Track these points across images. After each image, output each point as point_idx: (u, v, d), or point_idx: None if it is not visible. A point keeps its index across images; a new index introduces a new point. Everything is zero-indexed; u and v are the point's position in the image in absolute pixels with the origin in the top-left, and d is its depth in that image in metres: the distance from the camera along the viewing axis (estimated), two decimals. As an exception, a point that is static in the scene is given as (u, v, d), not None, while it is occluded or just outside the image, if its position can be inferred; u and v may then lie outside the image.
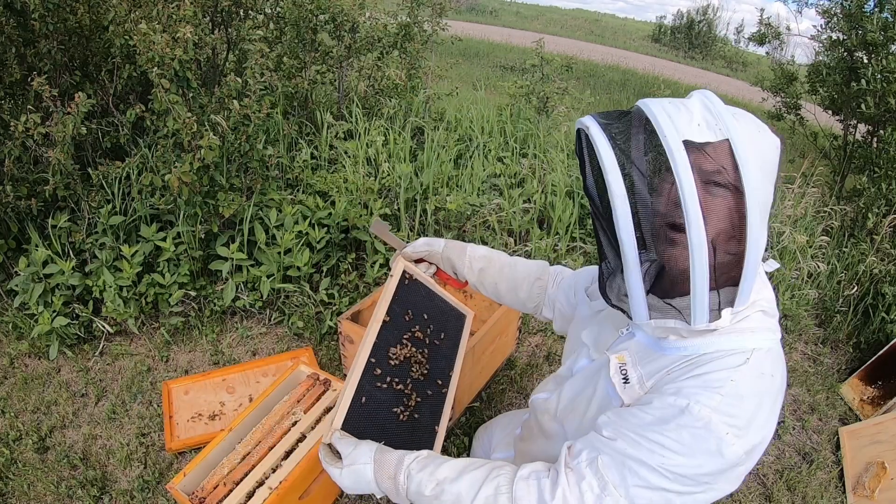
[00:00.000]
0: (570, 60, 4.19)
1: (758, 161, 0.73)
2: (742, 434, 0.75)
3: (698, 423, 0.75)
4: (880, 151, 3.38)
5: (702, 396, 0.76)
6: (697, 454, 0.75)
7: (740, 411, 0.75)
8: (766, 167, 0.75)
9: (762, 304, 0.83)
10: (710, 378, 0.77)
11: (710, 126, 0.73)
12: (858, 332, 2.72)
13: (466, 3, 17.19)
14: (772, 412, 0.79)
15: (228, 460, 1.51)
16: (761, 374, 0.78)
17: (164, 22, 2.21)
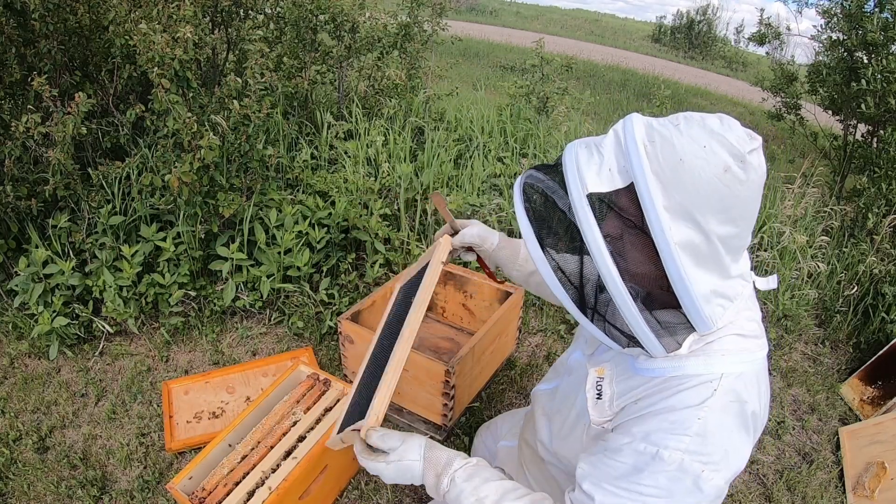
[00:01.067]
0: (570, 60, 4.19)
1: (679, 197, 0.69)
2: (719, 467, 0.76)
3: (671, 467, 0.75)
4: (880, 151, 3.38)
5: (670, 441, 0.76)
6: (676, 495, 0.75)
7: (712, 448, 0.75)
8: (697, 199, 0.69)
9: (739, 327, 0.81)
10: (677, 417, 0.77)
11: (621, 169, 0.72)
12: (858, 332, 2.72)
13: (466, 3, 17.18)
14: (745, 437, 0.79)
15: (228, 460, 1.51)
16: (730, 403, 0.77)
17: (164, 22, 2.21)
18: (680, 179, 0.69)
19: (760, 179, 0.72)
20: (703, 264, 0.71)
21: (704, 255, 0.71)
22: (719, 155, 0.69)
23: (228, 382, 2.13)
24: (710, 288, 0.73)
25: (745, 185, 0.69)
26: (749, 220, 0.74)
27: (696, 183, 0.68)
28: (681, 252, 0.69)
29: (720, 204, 0.69)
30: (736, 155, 0.69)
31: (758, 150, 0.71)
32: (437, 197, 1.33)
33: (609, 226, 0.73)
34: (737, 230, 0.72)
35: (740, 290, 0.80)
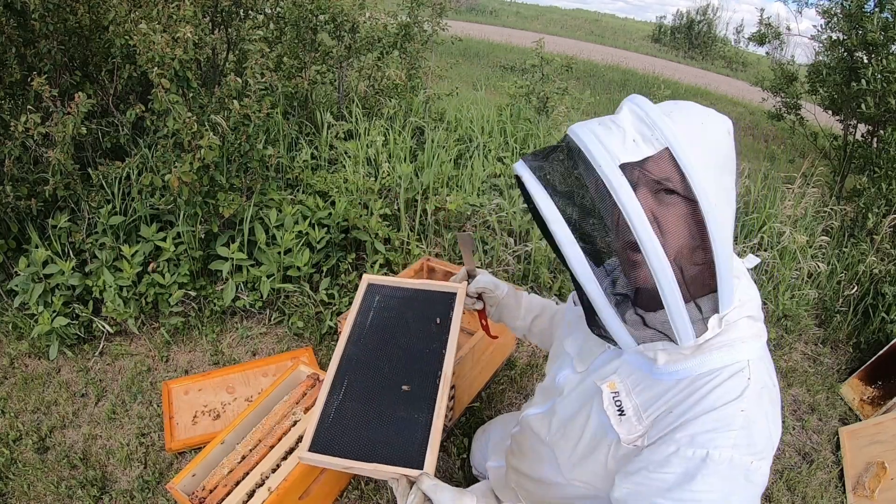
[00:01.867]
0: (570, 60, 4.19)
1: (707, 158, 0.69)
2: (765, 455, 0.74)
3: (722, 466, 0.73)
4: (880, 151, 3.38)
5: (718, 439, 0.74)
6: (731, 494, 0.74)
7: (757, 437, 0.74)
8: (719, 159, 0.71)
9: (749, 308, 0.80)
10: (720, 415, 0.75)
11: (647, 138, 0.70)
12: (858, 332, 2.72)
13: (466, 3, 17.19)
14: (777, 416, 0.78)
15: (228, 460, 1.51)
16: (762, 389, 0.76)
17: (164, 22, 2.21)
18: (707, 140, 0.71)
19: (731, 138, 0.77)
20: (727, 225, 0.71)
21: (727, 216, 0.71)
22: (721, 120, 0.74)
23: (228, 382, 2.13)
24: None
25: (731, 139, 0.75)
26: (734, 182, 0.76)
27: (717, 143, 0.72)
28: (719, 211, 0.68)
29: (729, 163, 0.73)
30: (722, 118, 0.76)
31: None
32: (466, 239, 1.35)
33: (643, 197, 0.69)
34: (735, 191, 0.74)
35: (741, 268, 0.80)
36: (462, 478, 1.85)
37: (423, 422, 1.09)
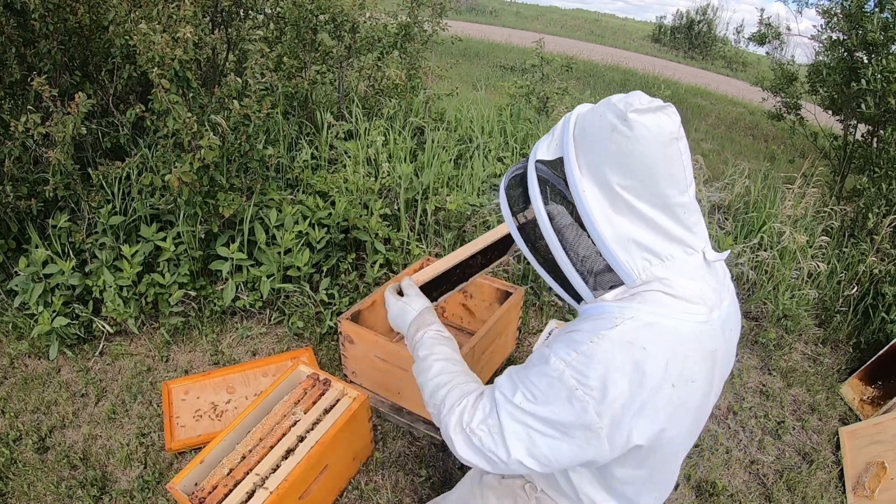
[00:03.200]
0: (570, 60, 4.20)
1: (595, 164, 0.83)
2: (594, 395, 0.82)
3: (554, 373, 0.85)
4: (880, 151, 3.37)
5: (561, 351, 0.86)
6: (551, 401, 0.85)
7: (592, 372, 0.82)
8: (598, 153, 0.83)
9: (669, 287, 0.85)
10: (576, 336, 0.86)
11: (557, 145, 0.89)
12: (858, 332, 2.72)
13: (466, 3, 17.18)
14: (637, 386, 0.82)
15: (228, 460, 1.51)
16: (628, 343, 0.82)
17: (164, 22, 2.21)
18: (584, 142, 0.85)
19: (653, 136, 0.79)
20: (618, 211, 0.83)
21: (618, 205, 0.83)
22: (607, 118, 0.81)
23: (228, 382, 2.13)
24: (628, 235, 0.83)
25: (632, 140, 0.79)
26: (652, 173, 0.81)
27: (593, 143, 0.83)
28: (590, 197, 0.83)
29: (615, 159, 0.81)
30: (620, 116, 0.79)
31: (652, 112, 0.80)
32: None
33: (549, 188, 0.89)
34: (640, 183, 0.81)
35: (678, 253, 0.86)
36: (462, 477, 1.85)
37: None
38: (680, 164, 0.83)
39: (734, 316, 0.97)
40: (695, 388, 0.87)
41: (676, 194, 0.83)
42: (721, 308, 0.90)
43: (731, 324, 0.95)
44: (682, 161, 0.83)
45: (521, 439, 0.88)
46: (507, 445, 0.89)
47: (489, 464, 0.93)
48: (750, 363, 2.56)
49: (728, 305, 0.93)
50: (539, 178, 0.89)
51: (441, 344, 1.10)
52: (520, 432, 0.88)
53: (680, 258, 0.86)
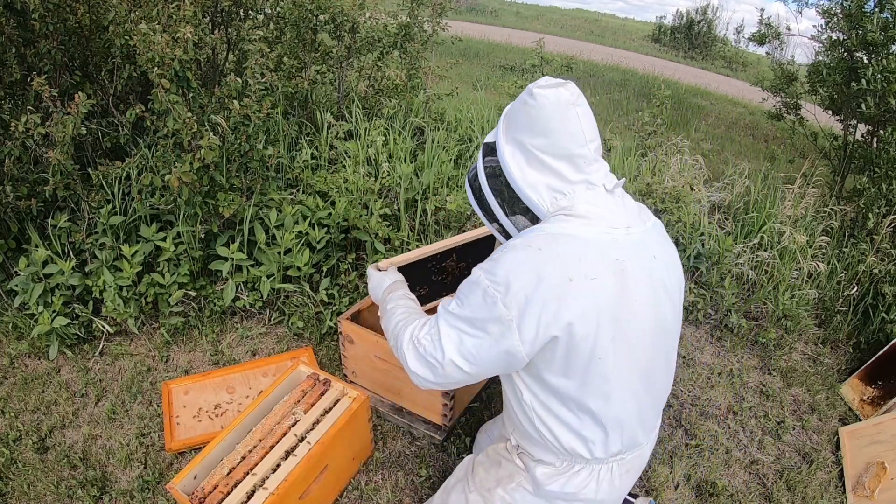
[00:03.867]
0: (570, 60, 4.20)
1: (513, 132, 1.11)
2: (504, 291, 1.01)
3: (474, 280, 1.07)
4: (880, 151, 3.37)
5: (483, 265, 1.09)
6: (472, 303, 1.05)
7: (498, 271, 1.03)
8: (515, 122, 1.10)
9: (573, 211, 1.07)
10: (493, 255, 1.10)
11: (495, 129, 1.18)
12: (858, 332, 2.72)
13: (466, 3, 17.18)
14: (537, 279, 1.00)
15: (228, 460, 1.51)
16: (527, 246, 1.04)
17: (164, 22, 2.21)
18: (507, 120, 1.15)
19: (551, 103, 1.04)
20: (532, 166, 1.09)
21: (532, 161, 1.09)
22: (521, 97, 1.10)
23: (228, 382, 2.13)
24: (538, 182, 1.09)
25: (536, 108, 1.05)
26: (557, 132, 1.06)
27: (513, 117, 1.12)
28: (508, 156, 1.12)
29: (526, 124, 1.08)
30: (528, 92, 1.07)
31: (551, 87, 1.06)
32: None
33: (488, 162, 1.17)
34: (547, 140, 1.06)
35: (579, 190, 1.08)
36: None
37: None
38: (578, 124, 1.06)
39: (657, 243, 1.14)
40: (596, 285, 1.01)
41: (576, 147, 1.06)
42: (631, 231, 1.09)
43: (652, 248, 1.12)
44: (580, 122, 1.06)
45: (452, 340, 1.07)
46: (442, 347, 1.08)
47: (431, 370, 1.11)
48: (750, 363, 2.56)
49: (642, 233, 1.11)
50: (484, 156, 1.19)
51: (406, 299, 1.34)
52: (451, 334, 1.08)
53: (581, 192, 1.08)
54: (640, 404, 1.12)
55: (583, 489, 1.16)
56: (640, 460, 1.22)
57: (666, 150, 3.62)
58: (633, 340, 1.06)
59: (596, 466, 1.16)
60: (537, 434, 1.15)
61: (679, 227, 2.92)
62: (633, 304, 1.05)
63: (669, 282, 1.12)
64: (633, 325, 1.05)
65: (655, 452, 2.02)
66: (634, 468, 1.22)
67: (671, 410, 2.24)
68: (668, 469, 1.95)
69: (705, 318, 2.78)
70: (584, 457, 1.13)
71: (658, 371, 1.15)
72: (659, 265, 1.11)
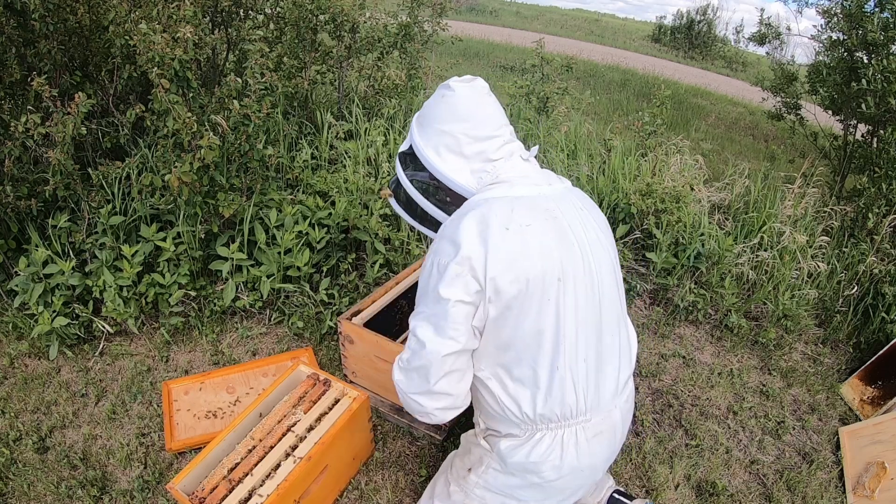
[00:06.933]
0: (570, 60, 4.18)
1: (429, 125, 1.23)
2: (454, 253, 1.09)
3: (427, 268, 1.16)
4: (880, 151, 3.37)
5: (430, 250, 1.17)
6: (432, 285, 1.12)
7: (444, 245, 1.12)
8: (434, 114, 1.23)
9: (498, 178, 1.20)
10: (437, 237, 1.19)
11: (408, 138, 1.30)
12: (858, 332, 2.72)
13: (466, 3, 17.18)
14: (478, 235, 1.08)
15: (228, 460, 1.51)
16: (459, 216, 1.14)
17: (164, 22, 2.21)
18: (424, 115, 1.26)
19: (471, 93, 1.20)
20: (452, 152, 1.21)
21: (454, 147, 1.20)
22: (438, 91, 1.23)
23: (228, 382, 2.13)
24: (461, 167, 1.21)
25: (454, 97, 1.19)
26: (477, 117, 1.19)
27: (428, 112, 1.24)
28: (427, 150, 1.23)
29: (447, 113, 1.20)
30: (445, 86, 1.22)
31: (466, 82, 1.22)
32: None
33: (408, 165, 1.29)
34: (469, 124, 1.18)
35: (500, 165, 1.20)
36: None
37: None
38: (493, 109, 1.21)
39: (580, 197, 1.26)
40: (534, 230, 1.10)
41: (493, 129, 1.20)
42: (553, 188, 1.21)
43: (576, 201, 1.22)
44: (495, 107, 1.22)
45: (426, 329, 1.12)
46: (420, 341, 1.12)
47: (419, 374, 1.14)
48: (750, 363, 2.56)
49: (564, 189, 1.23)
50: (401, 165, 1.31)
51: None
52: (424, 325, 1.13)
53: (502, 165, 1.20)
54: (591, 360, 1.15)
55: (548, 457, 1.17)
56: (609, 423, 1.22)
57: (666, 150, 3.61)
58: (579, 287, 1.12)
59: (558, 432, 1.17)
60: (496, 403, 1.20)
61: (679, 227, 2.92)
62: (573, 249, 1.13)
63: (603, 233, 1.23)
64: (576, 269, 1.13)
65: (655, 452, 2.02)
66: (605, 432, 1.21)
67: (671, 410, 2.24)
68: (668, 469, 1.95)
69: (705, 318, 2.78)
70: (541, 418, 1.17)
71: (609, 325, 1.18)
72: (587, 216, 1.21)
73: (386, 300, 2.13)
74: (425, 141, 1.22)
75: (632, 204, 3.03)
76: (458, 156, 1.19)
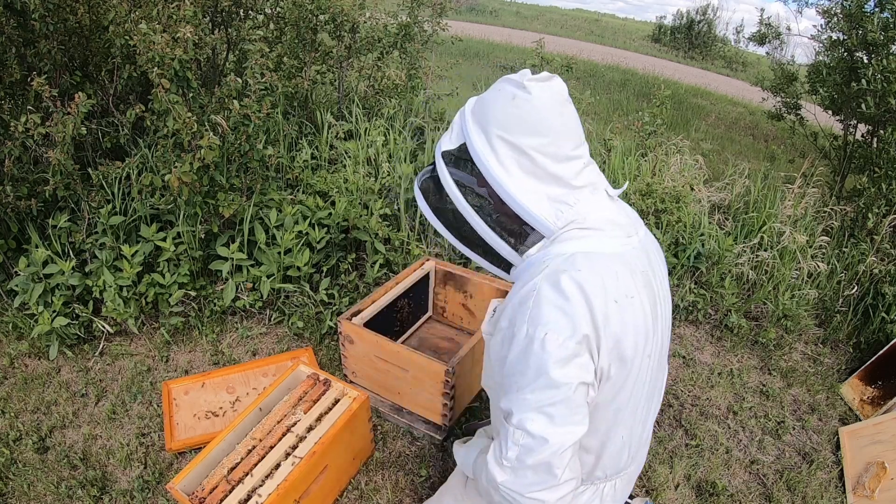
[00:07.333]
0: (570, 60, 4.18)
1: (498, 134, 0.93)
2: (557, 327, 0.89)
3: (524, 344, 0.92)
4: (880, 151, 3.37)
5: (517, 320, 0.94)
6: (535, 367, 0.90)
7: (546, 311, 0.90)
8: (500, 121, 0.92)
9: (580, 223, 0.96)
10: (521, 298, 0.94)
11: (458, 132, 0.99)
12: (858, 332, 2.72)
13: (466, 3, 17.18)
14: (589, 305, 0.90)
15: (228, 460, 1.51)
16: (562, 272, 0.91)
17: (164, 22, 2.21)
18: (485, 116, 0.94)
19: (550, 99, 0.91)
20: (526, 172, 0.93)
21: (528, 167, 0.93)
22: (507, 90, 0.92)
23: (228, 382, 2.13)
24: (538, 192, 0.94)
25: (531, 101, 0.90)
26: (556, 131, 0.92)
27: (495, 114, 0.92)
28: (494, 165, 0.93)
29: (520, 122, 0.91)
30: (518, 85, 0.91)
31: (544, 80, 0.93)
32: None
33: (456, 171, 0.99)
34: (547, 139, 0.91)
35: (583, 197, 0.96)
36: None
37: None
38: (574, 122, 0.96)
39: (654, 246, 1.09)
40: (635, 303, 0.95)
41: (573, 147, 0.95)
42: (639, 236, 1.02)
43: (654, 254, 1.06)
44: (575, 120, 0.96)
45: (539, 421, 0.91)
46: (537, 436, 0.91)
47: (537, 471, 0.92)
48: (750, 363, 2.56)
49: (644, 235, 1.05)
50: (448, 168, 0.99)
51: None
52: (535, 417, 0.91)
53: (586, 199, 0.97)
54: (644, 422, 1.12)
55: None
56: (637, 465, 1.22)
57: (666, 150, 3.61)
58: (654, 356, 1.02)
59: (601, 485, 1.13)
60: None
61: (679, 227, 2.92)
62: (658, 319, 1.01)
63: (666, 279, 1.10)
64: (654, 341, 1.01)
65: (655, 452, 2.01)
66: (633, 474, 1.21)
67: (671, 410, 2.24)
68: (668, 469, 1.95)
69: (705, 318, 2.78)
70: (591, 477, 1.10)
71: (658, 386, 1.14)
72: (658, 272, 1.06)
73: (386, 300, 2.13)
74: (488, 148, 0.93)
75: (632, 204, 3.03)
76: (531, 176, 0.93)
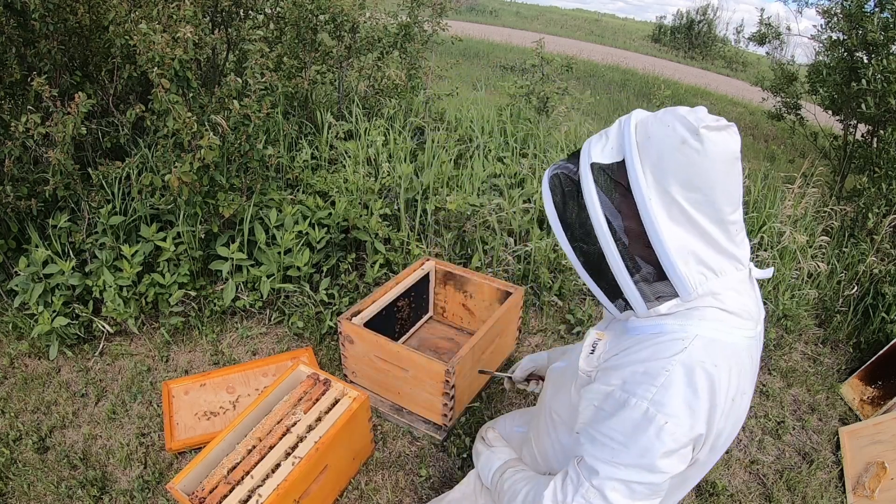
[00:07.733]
0: (570, 60, 4.19)
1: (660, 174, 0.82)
2: (679, 421, 0.83)
3: (636, 413, 0.85)
4: (880, 151, 3.37)
5: (639, 389, 0.85)
6: (638, 438, 0.84)
7: (673, 400, 0.83)
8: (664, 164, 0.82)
9: (722, 302, 0.88)
10: (647, 368, 0.86)
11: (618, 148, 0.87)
12: (858, 332, 2.72)
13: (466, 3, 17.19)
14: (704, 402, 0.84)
15: (228, 460, 1.51)
16: (700, 363, 0.84)
17: (164, 22, 2.21)
18: (649, 150, 0.84)
19: (721, 153, 0.81)
20: (677, 222, 0.83)
21: (676, 216, 0.83)
22: (678, 131, 0.82)
23: (228, 382, 2.13)
24: (687, 247, 0.84)
25: (701, 154, 0.80)
26: (714, 188, 0.82)
27: (661, 153, 0.83)
28: (655, 205, 0.83)
29: (683, 170, 0.82)
30: (691, 130, 0.81)
31: (720, 130, 0.82)
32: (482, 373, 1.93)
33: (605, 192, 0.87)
34: (703, 196, 0.82)
35: (729, 269, 0.88)
36: (462, 477, 1.85)
37: None
38: (738, 183, 0.85)
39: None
40: (745, 399, 0.91)
41: (731, 212, 0.85)
42: (761, 324, 0.94)
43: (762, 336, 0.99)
44: (739, 181, 0.85)
45: (620, 491, 0.86)
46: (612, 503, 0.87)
47: None
48: (750, 363, 2.56)
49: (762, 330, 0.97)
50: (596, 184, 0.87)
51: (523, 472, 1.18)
52: (618, 488, 0.86)
53: (731, 273, 0.88)
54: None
55: None
56: None
57: (666, 150, 3.61)
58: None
59: None
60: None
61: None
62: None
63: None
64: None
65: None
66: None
67: (671, 410, 2.24)
68: (668, 469, 1.95)
69: (705, 318, 2.78)
70: None
71: None
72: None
73: (386, 300, 2.13)
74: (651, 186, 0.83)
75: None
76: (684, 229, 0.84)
